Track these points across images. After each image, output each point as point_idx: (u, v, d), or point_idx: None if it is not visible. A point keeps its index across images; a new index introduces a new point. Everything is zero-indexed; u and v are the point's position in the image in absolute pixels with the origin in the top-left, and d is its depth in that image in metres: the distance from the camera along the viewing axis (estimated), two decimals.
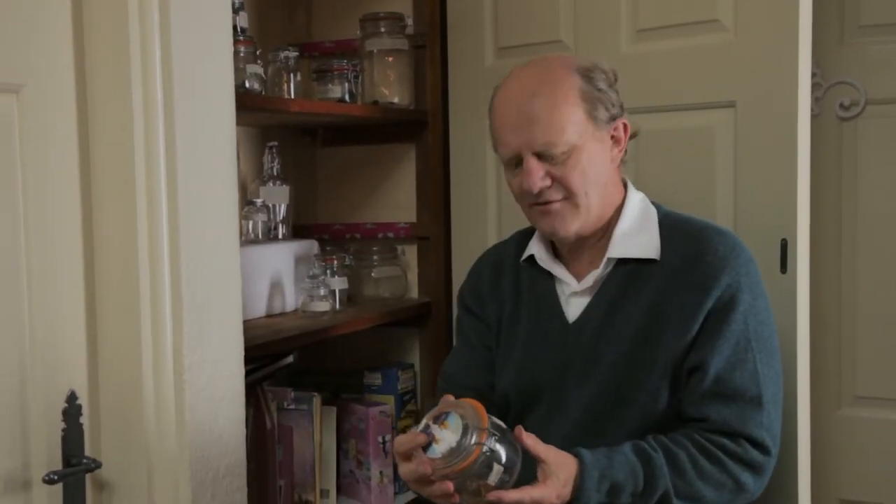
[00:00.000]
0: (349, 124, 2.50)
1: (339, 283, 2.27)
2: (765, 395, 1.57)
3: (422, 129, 2.42)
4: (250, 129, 2.41)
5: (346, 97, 2.28)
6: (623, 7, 2.09)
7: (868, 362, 2.28)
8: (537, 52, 1.79)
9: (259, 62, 2.05)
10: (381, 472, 2.29)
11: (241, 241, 2.17)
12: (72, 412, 1.46)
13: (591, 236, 1.68)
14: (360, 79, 2.33)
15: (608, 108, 1.63)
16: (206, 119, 1.58)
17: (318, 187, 2.64)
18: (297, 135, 2.58)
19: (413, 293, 2.51)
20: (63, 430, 1.46)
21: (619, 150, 1.68)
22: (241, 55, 1.96)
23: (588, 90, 1.61)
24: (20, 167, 1.42)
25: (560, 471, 1.47)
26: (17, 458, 1.44)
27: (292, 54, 2.19)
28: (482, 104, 1.73)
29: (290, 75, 2.19)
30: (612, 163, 1.67)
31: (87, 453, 1.49)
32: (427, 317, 2.45)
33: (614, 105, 1.64)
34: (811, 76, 1.93)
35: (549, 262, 1.72)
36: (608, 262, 1.66)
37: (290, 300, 2.23)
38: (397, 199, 2.53)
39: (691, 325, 1.59)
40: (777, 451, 1.60)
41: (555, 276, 1.72)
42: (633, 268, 1.65)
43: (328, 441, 2.25)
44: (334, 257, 2.28)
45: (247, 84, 1.99)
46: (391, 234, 2.50)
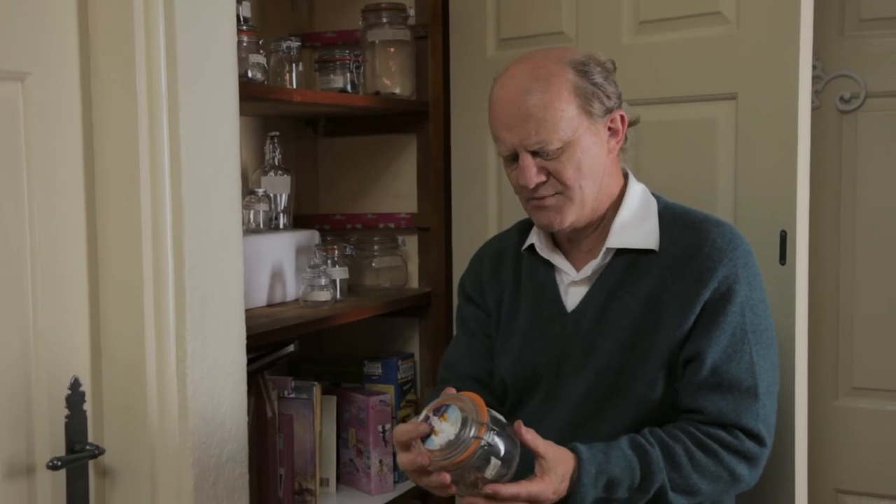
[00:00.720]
0: (351, 115, 2.51)
1: (339, 273, 2.28)
2: (760, 386, 1.58)
3: (423, 119, 2.43)
4: (252, 118, 2.41)
5: (348, 87, 2.29)
6: None
7: (865, 353, 2.29)
8: (539, 44, 1.80)
9: (261, 52, 2.06)
10: (380, 461, 2.30)
11: (243, 230, 2.18)
12: (75, 399, 1.47)
13: (589, 226, 1.69)
14: (361, 69, 2.33)
15: (603, 100, 1.62)
16: (210, 108, 1.59)
17: (319, 177, 2.64)
18: (298, 125, 2.58)
19: (413, 283, 2.52)
20: (66, 416, 1.46)
21: (618, 140, 1.67)
22: (244, 45, 1.97)
23: (582, 84, 1.61)
24: (25, 154, 1.43)
25: (557, 466, 1.48)
26: (20, 444, 1.45)
27: (294, 44, 2.20)
28: (484, 95, 1.73)
29: (293, 65, 2.19)
30: (609, 154, 1.67)
31: (91, 440, 1.50)
32: (427, 307, 2.46)
33: (610, 97, 1.64)
34: (812, 69, 1.94)
35: (549, 252, 1.73)
36: (607, 252, 1.67)
37: (291, 290, 2.24)
38: (398, 190, 2.53)
39: (688, 315, 1.60)
40: (772, 441, 1.61)
41: (554, 266, 1.73)
42: (632, 258, 1.66)
43: (328, 430, 2.27)
44: (335, 247, 2.29)
45: (249, 74, 1.99)
46: (392, 225, 2.51)
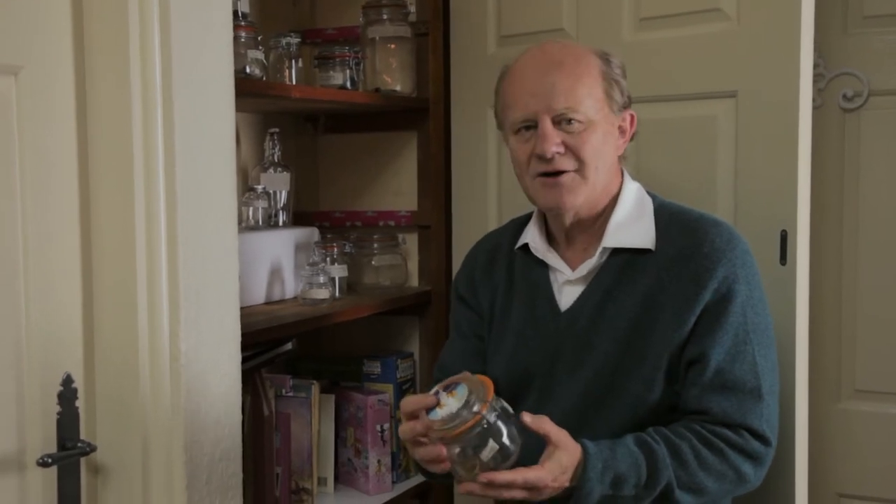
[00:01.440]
0: (351, 111, 2.50)
1: (338, 271, 2.27)
2: (763, 387, 1.58)
3: (423, 117, 2.42)
4: (252, 115, 2.40)
5: (348, 84, 2.28)
6: None
7: (868, 356, 2.27)
8: (539, 41, 1.78)
9: (260, 48, 2.05)
10: (379, 461, 2.29)
11: (242, 227, 2.18)
12: (67, 395, 1.46)
13: (587, 222, 1.68)
14: (361, 66, 2.32)
15: (622, 92, 1.66)
16: (205, 103, 1.57)
17: (319, 174, 2.63)
18: (298, 122, 2.58)
19: (413, 281, 2.51)
20: (58, 413, 1.45)
21: (624, 141, 1.70)
22: (242, 40, 1.96)
23: (607, 71, 1.65)
24: (18, 149, 1.42)
25: (563, 455, 1.47)
26: (11, 441, 1.44)
27: (294, 40, 2.19)
28: (484, 92, 1.73)
29: (292, 61, 2.18)
30: (616, 152, 1.68)
31: (83, 436, 1.49)
32: (427, 305, 2.45)
33: (624, 94, 1.67)
34: (814, 67, 1.93)
35: (544, 251, 1.72)
36: (603, 251, 1.66)
37: (290, 287, 2.23)
38: (398, 187, 2.52)
39: (687, 316, 1.59)
40: (776, 441, 1.60)
41: (549, 265, 1.72)
42: (627, 258, 1.65)
43: (326, 429, 2.26)
44: (334, 245, 2.28)
45: (248, 70, 1.98)
46: (392, 223, 2.50)
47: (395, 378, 2.37)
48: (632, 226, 1.67)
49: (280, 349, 2.13)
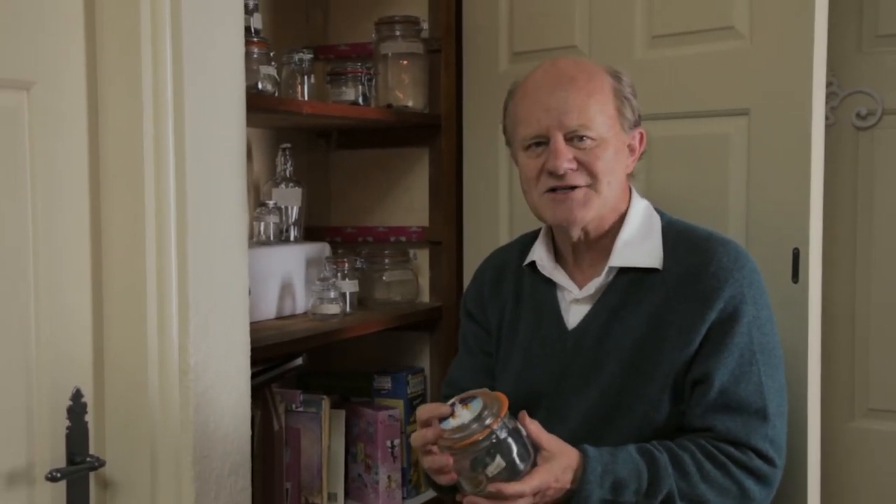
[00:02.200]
0: (363, 127, 2.50)
1: (349, 286, 2.27)
2: (769, 408, 1.56)
3: (435, 133, 2.42)
4: (264, 130, 2.41)
5: (360, 100, 2.28)
6: (638, 13, 2.08)
7: (881, 374, 2.26)
8: (552, 58, 1.79)
9: (273, 64, 2.05)
10: (389, 477, 2.28)
11: (253, 242, 2.19)
12: (76, 410, 1.46)
13: (594, 240, 1.67)
14: (374, 82, 2.33)
15: (633, 110, 1.66)
16: (216, 119, 1.58)
17: (331, 190, 2.64)
18: (310, 137, 2.58)
19: (424, 297, 2.51)
20: (67, 427, 1.46)
21: (633, 159, 1.70)
22: (255, 56, 1.97)
23: (619, 89, 1.65)
24: (29, 164, 1.43)
25: (560, 457, 1.48)
26: (21, 456, 1.44)
27: (307, 56, 2.20)
28: (496, 109, 1.73)
29: (304, 77, 2.19)
30: (625, 170, 1.68)
31: (92, 451, 1.49)
32: (438, 321, 2.44)
33: (635, 112, 1.67)
34: (827, 85, 1.92)
35: (551, 269, 1.72)
36: (610, 270, 1.65)
37: (301, 302, 2.24)
38: (410, 203, 2.53)
39: (693, 336, 1.58)
40: (783, 463, 1.58)
41: (556, 283, 1.72)
42: (635, 277, 1.65)
43: (336, 444, 2.25)
44: (345, 260, 2.28)
45: (260, 85, 1.99)
46: (403, 238, 2.50)
47: (405, 393, 2.36)
48: (639, 245, 1.66)
49: (290, 364, 2.13)
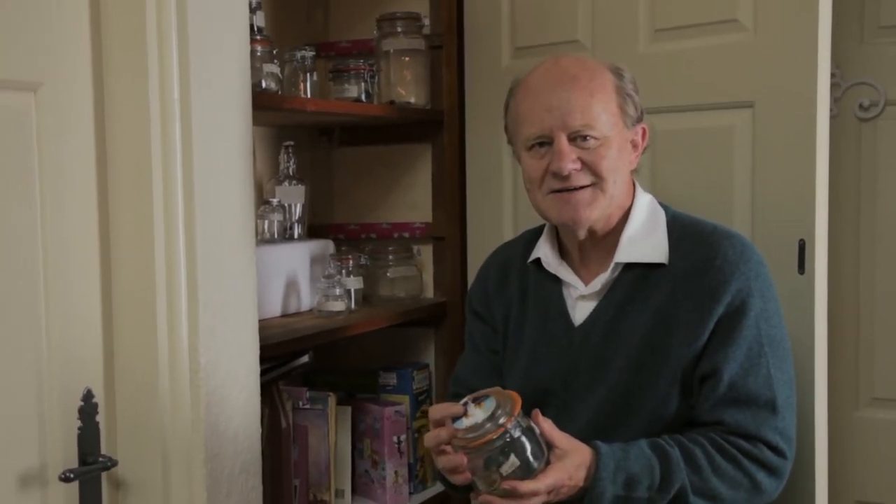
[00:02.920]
0: (365, 124, 2.50)
1: (354, 283, 2.27)
2: (779, 399, 1.57)
3: (438, 129, 2.42)
4: (267, 128, 2.41)
5: (363, 97, 2.28)
6: (641, 7, 2.08)
7: (886, 364, 2.27)
8: (554, 53, 1.79)
9: (276, 62, 2.05)
10: (396, 472, 2.29)
11: (257, 240, 2.17)
12: (88, 410, 1.46)
13: (600, 237, 1.67)
14: (376, 79, 2.33)
15: (636, 107, 1.66)
16: (223, 118, 1.58)
17: (334, 187, 2.63)
18: (313, 135, 2.58)
19: (428, 293, 2.51)
20: (79, 428, 1.46)
21: (636, 155, 1.69)
22: (258, 55, 1.96)
23: (621, 86, 1.64)
24: (37, 165, 1.43)
25: (573, 455, 1.48)
26: (33, 457, 1.45)
27: (309, 54, 2.19)
28: (499, 104, 1.72)
29: (307, 75, 2.19)
30: (629, 166, 1.68)
31: (103, 451, 1.49)
32: (442, 317, 2.44)
33: (637, 108, 1.66)
34: (830, 76, 1.92)
35: (556, 266, 1.72)
36: (616, 266, 1.65)
37: (306, 300, 2.23)
38: (413, 199, 2.52)
39: (701, 331, 1.58)
40: (793, 454, 1.59)
41: (561, 279, 1.72)
42: (641, 272, 1.65)
43: (343, 441, 2.25)
44: (350, 257, 2.28)
45: (263, 83, 1.99)
46: (407, 234, 2.50)
47: (411, 389, 2.36)
48: (644, 240, 1.66)
49: (297, 362, 2.13)
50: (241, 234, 1.63)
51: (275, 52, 2.06)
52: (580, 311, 1.69)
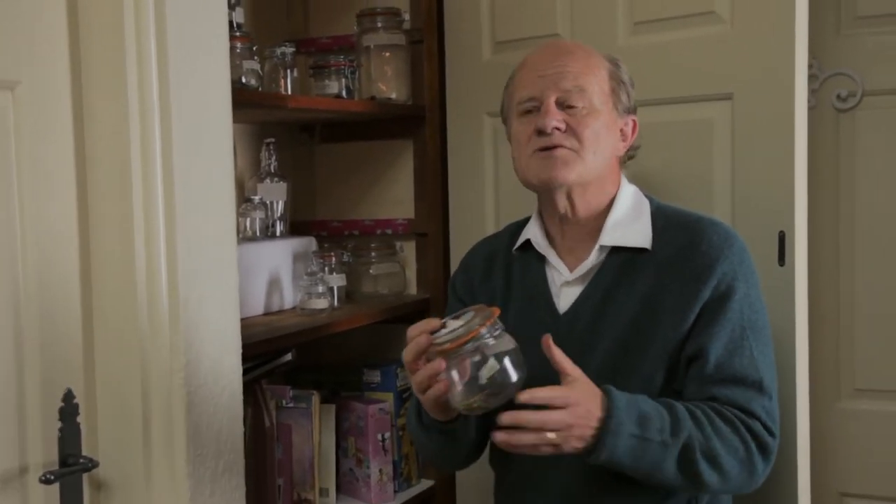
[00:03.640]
0: (347, 120, 2.49)
1: (337, 280, 2.27)
2: (765, 381, 1.58)
3: (419, 124, 2.42)
4: (248, 125, 2.40)
5: (343, 93, 2.28)
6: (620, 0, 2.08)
7: (867, 354, 2.28)
8: (535, 46, 1.79)
9: (256, 58, 2.04)
10: (380, 470, 2.28)
11: (239, 238, 2.17)
12: (69, 411, 1.45)
13: (584, 221, 1.68)
14: (357, 74, 2.32)
15: (629, 96, 1.70)
16: (202, 115, 1.57)
17: (316, 184, 2.63)
18: (294, 131, 2.57)
19: (412, 289, 2.51)
20: (60, 429, 1.45)
21: (625, 145, 1.72)
22: (238, 51, 1.96)
23: (616, 72, 1.70)
24: (15, 163, 1.41)
25: (584, 383, 1.48)
26: (13, 458, 1.43)
27: (289, 50, 2.19)
28: (480, 99, 1.73)
29: (287, 71, 2.18)
30: (615, 151, 1.70)
31: (85, 452, 1.48)
32: (426, 313, 2.43)
33: (630, 98, 1.71)
34: (808, 68, 1.93)
35: (545, 247, 1.73)
36: (601, 249, 1.67)
37: (289, 297, 2.23)
38: (395, 195, 2.52)
39: (687, 315, 1.59)
40: (778, 440, 1.60)
41: (546, 267, 1.73)
42: (626, 257, 1.66)
43: (327, 439, 2.25)
44: (332, 254, 2.28)
45: (243, 80, 1.98)
46: (389, 231, 2.50)
47: (395, 386, 2.36)
48: (629, 225, 1.68)
49: (280, 360, 2.13)
50: (221, 231, 1.62)
51: (255, 48, 2.05)
52: (565, 298, 1.70)
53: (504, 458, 1.73)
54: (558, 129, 1.62)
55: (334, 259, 2.27)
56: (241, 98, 1.83)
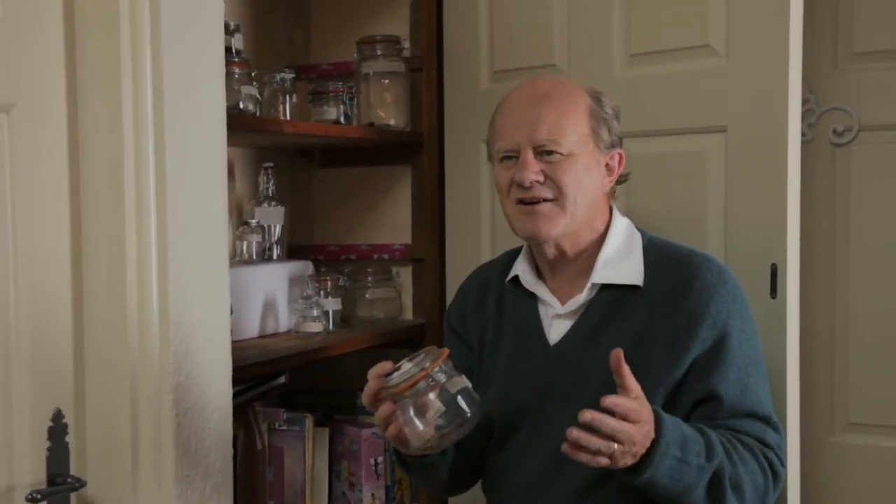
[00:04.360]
0: (345, 146, 2.51)
1: (332, 304, 2.28)
2: (772, 415, 1.61)
3: (417, 151, 2.43)
4: (247, 149, 2.42)
5: (342, 119, 2.29)
6: (616, 32, 2.10)
7: (861, 388, 2.28)
8: (532, 76, 1.81)
9: (254, 84, 2.06)
10: (373, 494, 2.28)
11: (236, 261, 2.19)
12: (58, 430, 1.46)
13: (572, 257, 1.68)
14: (355, 101, 2.34)
15: (610, 132, 1.67)
16: (197, 139, 1.59)
17: (314, 208, 2.64)
18: (293, 156, 2.59)
19: (407, 315, 2.51)
20: (48, 448, 1.45)
21: (611, 179, 1.71)
22: (236, 77, 1.97)
23: (596, 110, 1.66)
24: (10, 186, 1.43)
25: (648, 404, 1.45)
26: (0, 476, 1.44)
27: (288, 76, 2.21)
28: (478, 127, 1.74)
29: (286, 97, 2.20)
30: (601, 188, 1.68)
31: (73, 472, 1.49)
32: (421, 338, 2.44)
33: (613, 133, 1.68)
34: (805, 102, 1.94)
35: (533, 283, 1.73)
36: (592, 287, 1.67)
37: (284, 321, 2.24)
38: (393, 221, 2.53)
39: (682, 355, 1.59)
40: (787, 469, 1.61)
41: (538, 298, 1.73)
42: (617, 293, 1.66)
43: (320, 462, 2.25)
44: (328, 278, 2.29)
45: (241, 105, 2.00)
46: (386, 256, 2.51)
47: None
48: (620, 262, 1.67)
49: (273, 382, 2.13)
50: (214, 254, 1.63)
51: (253, 74, 2.07)
52: (556, 331, 1.70)
53: (497, 485, 1.73)
54: (537, 181, 1.62)
55: (330, 283, 2.28)
56: (239, 123, 1.84)
